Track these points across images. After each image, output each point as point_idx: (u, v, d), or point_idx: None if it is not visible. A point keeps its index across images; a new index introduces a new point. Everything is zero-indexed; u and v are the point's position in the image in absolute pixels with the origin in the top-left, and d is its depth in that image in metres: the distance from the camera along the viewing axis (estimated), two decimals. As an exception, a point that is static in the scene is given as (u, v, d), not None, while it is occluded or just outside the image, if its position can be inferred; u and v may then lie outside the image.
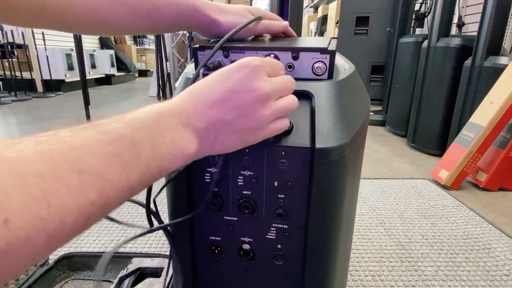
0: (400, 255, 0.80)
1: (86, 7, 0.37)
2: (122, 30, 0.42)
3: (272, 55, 0.36)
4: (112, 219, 0.34)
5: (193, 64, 0.40)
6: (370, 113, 2.28)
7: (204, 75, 0.37)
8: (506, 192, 1.19)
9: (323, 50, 0.35)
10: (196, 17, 0.41)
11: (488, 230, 0.92)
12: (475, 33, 1.34)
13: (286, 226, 0.36)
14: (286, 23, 0.48)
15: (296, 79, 0.36)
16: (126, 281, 0.62)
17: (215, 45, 0.37)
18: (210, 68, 0.35)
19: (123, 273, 0.63)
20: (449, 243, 0.86)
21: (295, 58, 0.36)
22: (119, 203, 0.22)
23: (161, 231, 0.39)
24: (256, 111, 0.28)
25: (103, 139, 0.21)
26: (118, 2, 0.38)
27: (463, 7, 2.47)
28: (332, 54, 0.35)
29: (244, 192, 0.36)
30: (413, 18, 2.25)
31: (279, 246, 0.37)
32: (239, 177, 0.35)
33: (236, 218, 0.37)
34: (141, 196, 0.41)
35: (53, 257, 0.74)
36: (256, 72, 0.28)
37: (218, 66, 0.37)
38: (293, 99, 0.31)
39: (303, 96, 0.35)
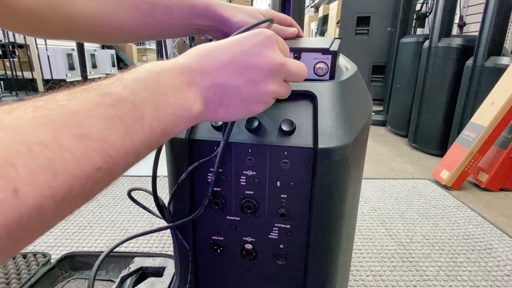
0: (401, 255, 0.80)
1: (104, 16, 0.37)
2: (136, 36, 0.42)
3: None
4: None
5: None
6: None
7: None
8: (507, 193, 1.19)
9: (325, 51, 0.35)
10: (209, 16, 0.41)
11: (489, 230, 0.92)
12: (477, 33, 1.33)
13: (289, 226, 0.36)
14: (295, 29, 0.47)
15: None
16: (128, 281, 0.62)
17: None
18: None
19: (124, 272, 0.63)
20: (450, 243, 0.86)
21: (297, 58, 0.36)
22: (125, 168, 0.21)
23: (168, 231, 0.39)
24: (266, 81, 0.28)
25: (103, 102, 0.20)
26: (133, 8, 0.38)
27: (464, 7, 2.47)
28: (333, 54, 0.35)
29: (246, 192, 0.36)
30: (414, 18, 2.25)
31: (281, 246, 0.37)
32: (242, 177, 0.35)
33: (238, 218, 0.37)
34: (146, 200, 0.41)
35: (55, 256, 0.75)
36: (271, 41, 0.28)
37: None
38: (289, 88, 0.31)
39: (306, 96, 0.35)
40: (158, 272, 0.65)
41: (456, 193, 1.17)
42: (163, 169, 0.38)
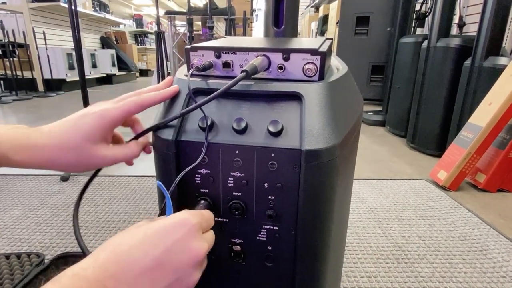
0: (396, 256, 0.80)
1: None
2: None
3: (263, 56, 0.36)
4: None
5: (185, 65, 0.40)
6: (370, 114, 2.28)
7: (194, 76, 0.37)
8: (505, 193, 1.18)
9: (313, 51, 0.35)
10: None
11: (486, 231, 0.92)
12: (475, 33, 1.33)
13: (277, 228, 0.36)
14: (171, 89, 0.37)
15: (287, 80, 0.36)
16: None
17: (208, 46, 0.37)
18: (200, 69, 0.35)
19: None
20: (446, 244, 0.85)
21: (286, 59, 0.35)
22: None
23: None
24: (193, 274, 0.26)
25: None
26: None
27: (464, 7, 2.46)
28: (322, 55, 0.34)
29: (234, 193, 0.36)
30: (414, 18, 2.24)
31: (269, 247, 0.37)
32: (230, 178, 0.35)
33: (226, 220, 0.37)
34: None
35: (50, 256, 0.74)
36: (195, 231, 0.26)
37: (209, 66, 0.36)
38: (212, 238, 0.30)
39: (294, 97, 0.35)
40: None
41: (453, 194, 1.17)
42: (151, 170, 0.38)
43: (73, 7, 1.33)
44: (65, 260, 0.71)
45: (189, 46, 0.38)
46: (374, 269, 0.75)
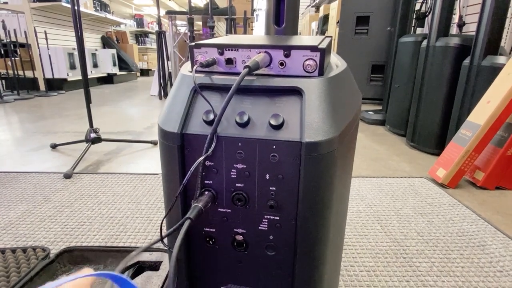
0: (395, 251, 0.82)
1: None
2: None
3: (265, 52, 0.37)
4: None
5: (189, 62, 0.42)
6: (370, 113, 2.29)
7: (198, 72, 0.38)
8: (503, 191, 1.19)
9: (313, 48, 0.36)
10: None
11: (483, 227, 0.93)
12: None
13: (278, 218, 0.37)
14: None
15: (288, 76, 0.37)
16: (125, 274, 0.63)
17: (211, 43, 0.39)
18: (204, 65, 0.37)
19: (122, 266, 0.64)
20: (444, 240, 0.87)
21: (287, 55, 0.37)
22: None
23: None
24: None
25: None
26: None
27: (463, 7, 2.48)
28: (322, 51, 0.36)
29: (237, 184, 0.37)
30: (414, 17, 2.25)
31: (271, 237, 0.38)
32: (232, 170, 0.37)
33: (229, 210, 0.38)
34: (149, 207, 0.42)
35: (54, 251, 0.76)
36: None
37: (213, 63, 0.38)
38: None
39: (295, 92, 0.36)
40: (155, 266, 0.66)
41: (452, 191, 1.18)
42: (154, 166, 0.39)
43: (76, 8, 1.34)
44: (70, 254, 0.72)
45: (193, 44, 0.39)
46: (373, 264, 0.76)
